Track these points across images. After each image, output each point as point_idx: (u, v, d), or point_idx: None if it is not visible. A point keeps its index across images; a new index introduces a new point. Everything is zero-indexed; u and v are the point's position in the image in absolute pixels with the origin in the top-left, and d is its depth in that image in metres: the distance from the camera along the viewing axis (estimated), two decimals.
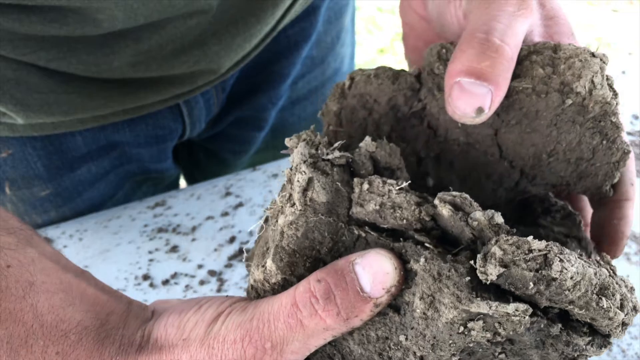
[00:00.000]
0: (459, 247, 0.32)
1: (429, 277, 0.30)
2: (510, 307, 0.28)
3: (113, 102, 0.55)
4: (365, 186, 0.33)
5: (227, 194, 0.66)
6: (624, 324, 0.30)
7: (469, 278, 0.29)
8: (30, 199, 0.60)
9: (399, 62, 2.22)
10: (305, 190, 0.33)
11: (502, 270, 0.28)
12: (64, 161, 0.59)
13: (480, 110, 0.34)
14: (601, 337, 0.31)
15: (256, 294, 0.35)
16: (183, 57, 0.55)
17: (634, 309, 0.31)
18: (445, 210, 0.31)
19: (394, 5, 2.47)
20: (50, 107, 0.52)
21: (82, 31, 0.48)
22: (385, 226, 0.33)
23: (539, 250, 0.28)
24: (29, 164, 0.58)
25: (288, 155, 0.36)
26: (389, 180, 0.33)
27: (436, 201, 0.32)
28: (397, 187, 0.32)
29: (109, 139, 0.61)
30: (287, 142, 0.35)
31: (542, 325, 0.30)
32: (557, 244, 0.30)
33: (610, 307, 0.29)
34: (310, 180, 0.33)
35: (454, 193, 0.32)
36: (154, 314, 0.35)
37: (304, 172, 0.33)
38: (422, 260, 0.30)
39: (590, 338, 0.31)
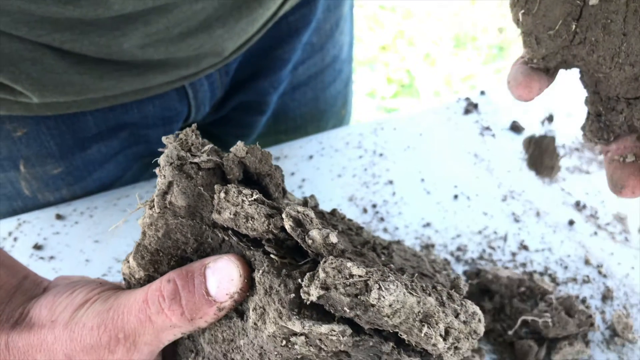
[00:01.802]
0: (306, 260, 0.32)
1: (262, 289, 0.31)
2: (324, 328, 0.29)
3: (123, 83, 0.58)
4: (222, 195, 0.33)
5: None
6: (457, 348, 0.31)
7: (293, 295, 0.30)
8: (43, 177, 0.63)
9: (402, 59, 2.24)
10: (164, 194, 0.34)
11: (322, 292, 0.29)
12: (76, 140, 0.62)
13: None
14: (434, 358, 0.32)
15: (127, 284, 0.36)
16: (189, 40, 0.57)
17: (473, 333, 0.32)
18: (287, 225, 0.31)
19: (395, 3, 2.50)
20: (64, 86, 0.55)
21: (95, 13, 0.50)
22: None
23: (360, 276, 0.29)
24: (43, 143, 0.61)
25: (288, 140, 0.37)
26: (245, 191, 0.33)
27: (283, 214, 0.32)
28: (251, 198, 0.32)
29: (119, 120, 0.64)
30: (164, 139, 0.35)
31: (371, 344, 0.31)
32: (387, 269, 0.30)
33: (433, 335, 0.30)
34: (170, 184, 0.33)
35: (300, 209, 0.32)
36: (46, 291, 0.37)
37: (165, 175, 0.34)
38: (260, 272, 0.31)
39: (419, 359, 0.31)
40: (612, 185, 0.39)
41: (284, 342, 0.30)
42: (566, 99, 0.76)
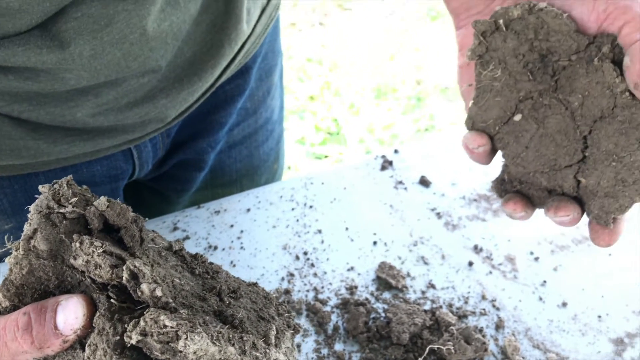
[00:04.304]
0: (142, 306, 0.37)
1: (96, 329, 0.36)
2: None
3: (74, 147, 0.64)
4: (77, 244, 0.38)
5: (175, 228, 0.75)
6: None
7: (119, 337, 0.35)
8: None
9: (329, 108, 2.38)
10: (30, 239, 0.39)
11: (141, 337, 0.34)
12: (27, 198, 0.66)
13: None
14: None
15: None
16: (136, 109, 0.64)
17: None
18: (124, 277, 0.37)
19: (322, 56, 2.65)
20: (20, 151, 0.60)
21: (52, 88, 0.57)
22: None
23: (172, 327, 0.34)
24: None
25: (225, 193, 0.42)
26: (96, 243, 0.38)
27: (124, 267, 0.37)
28: (100, 250, 0.37)
29: None
30: (40, 188, 0.40)
31: None
32: (200, 321, 0.36)
33: None
34: (35, 231, 0.38)
35: (137, 264, 0.37)
36: None
37: (30, 222, 0.39)
38: (97, 314, 0.37)
39: None
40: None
41: None
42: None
